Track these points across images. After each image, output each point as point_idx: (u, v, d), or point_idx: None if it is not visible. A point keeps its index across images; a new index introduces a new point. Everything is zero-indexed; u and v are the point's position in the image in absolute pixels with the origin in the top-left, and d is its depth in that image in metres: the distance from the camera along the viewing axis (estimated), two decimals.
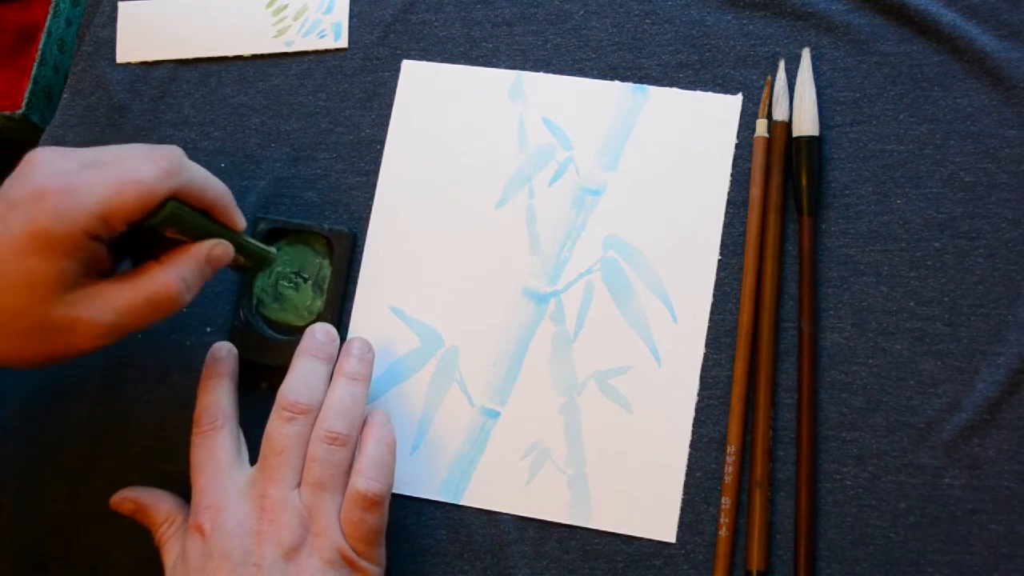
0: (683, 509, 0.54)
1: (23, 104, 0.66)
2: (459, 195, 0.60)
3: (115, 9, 0.67)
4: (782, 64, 0.58)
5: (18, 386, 0.62)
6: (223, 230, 0.51)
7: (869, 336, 0.54)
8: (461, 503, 0.56)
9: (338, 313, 0.59)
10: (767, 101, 0.57)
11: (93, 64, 0.67)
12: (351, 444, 0.51)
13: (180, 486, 0.58)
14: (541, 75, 0.61)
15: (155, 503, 0.53)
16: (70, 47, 0.70)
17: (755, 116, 0.58)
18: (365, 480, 0.49)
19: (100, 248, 0.46)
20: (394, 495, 0.57)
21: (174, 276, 0.48)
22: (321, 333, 0.54)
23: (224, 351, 0.55)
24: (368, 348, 0.55)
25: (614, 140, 0.59)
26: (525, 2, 0.62)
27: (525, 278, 0.58)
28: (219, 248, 0.50)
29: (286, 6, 0.65)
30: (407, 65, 0.63)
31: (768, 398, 0.54)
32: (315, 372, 0.52)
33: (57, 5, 0.69)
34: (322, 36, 0.64)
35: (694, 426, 0.55)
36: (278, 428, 0.50)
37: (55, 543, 0.59)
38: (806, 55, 0.57)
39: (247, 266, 0.55)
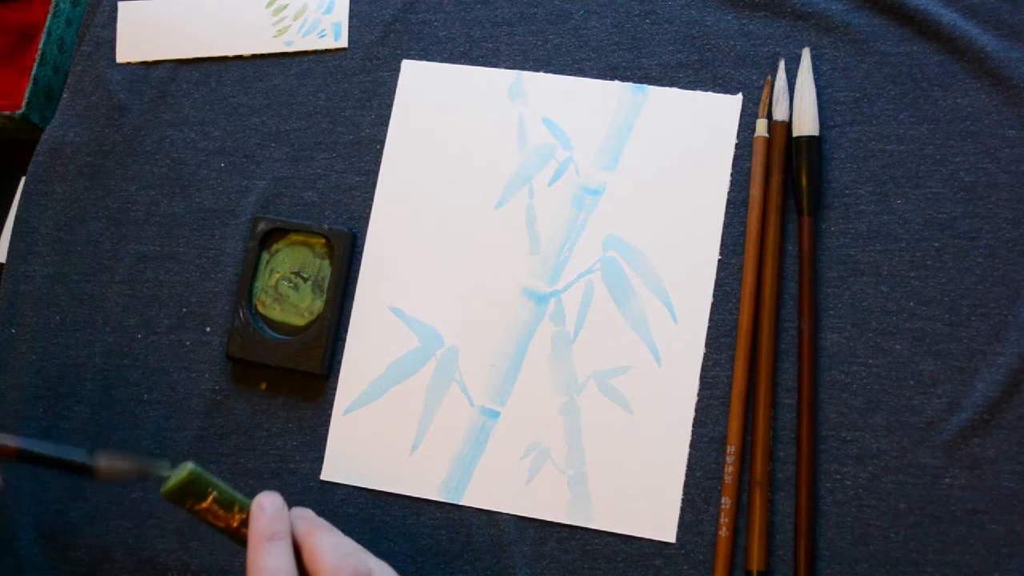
0: (683, 509, 0.54)
1: (23, 104, 0.66)
2: (459, 195, 0.60)
3: (115, 9, 0.67)
4: (782, 64, 0.58)
5: (19, 386, 0.62)
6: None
7: (869, 336, 0.54)
8: (461, 503, 0.56)
9: (338, 313, 0.59)
10: (767, 101, 0.57)
11: (93, 64, 0.67)
12: None
13: None
14: (541, 75, 0.61)
15: None
16: (70, 47, 0.70)
17: (755, 116, 0.58)
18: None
19: None
20: (394, 495, 0.57)
21: None
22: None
23: (277, 505, 0.47)
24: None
25: (614, 140, 0.59)
26: (525, 2, 0.62)
27: (525, 278, 0.58)
28: None
29: (286, 6, 0.65)
30: (407, 65, 0.63)
31: (768, 398, 0.54)
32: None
33: (57, 5, 0.68)
34: (322, 36, 0.64)
35: (694, 426, 0.55)
36: None
37: (56, 542, 0.59)
38: (806, 55, 0.57)
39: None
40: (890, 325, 0.54)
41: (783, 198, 0.56)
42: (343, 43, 0.64)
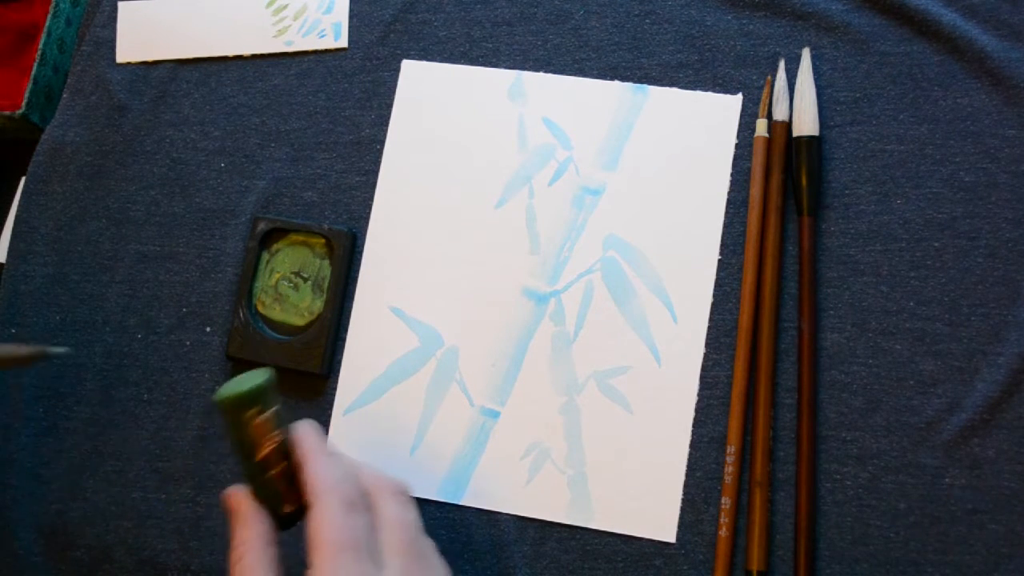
0: (683, 509, 0.54)
1: (23, 104, 0.66)
2: (459, 195, 0.60)
3: (115, 9, 0.67)
4: (782, 64, 0.58)
5: (20, 387, 0.62)
6: None
7: (869, 336, 0.54)
8: (461, 503, 0.56)
9: (338, 313, 0.59)
10: (767, 101, 0.57)
11: (93, 64, 0.67)
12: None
13: (178, 485, 0.59)
14: (541, 75, 0.61)
15: (247, 520, 0.46)
16: (70, 47, 0.70)
17: (755, 116, 0.58)
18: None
19: None
20: None
21: None
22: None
23: (320, 427, 0.48)
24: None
25: (614, 140, 0.59)
26: (525, 2, 0.62)
27: (525, 278, 0.58)
28: None
29: (286, 6, 0.65)
30: (407, 65, 0.63)
31: (768, 398, 0.54)
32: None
33: (57, 5, 0.68)
34: (322, 36, 0.64)
35: (694, 426, 0.55)
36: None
37: (56, 542, 0.59)
38: (806, 55, 0.57)
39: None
40: (890, 325, 0.54)
41: (783, 198, 0.56)
42: (343, 43, 0.64)
